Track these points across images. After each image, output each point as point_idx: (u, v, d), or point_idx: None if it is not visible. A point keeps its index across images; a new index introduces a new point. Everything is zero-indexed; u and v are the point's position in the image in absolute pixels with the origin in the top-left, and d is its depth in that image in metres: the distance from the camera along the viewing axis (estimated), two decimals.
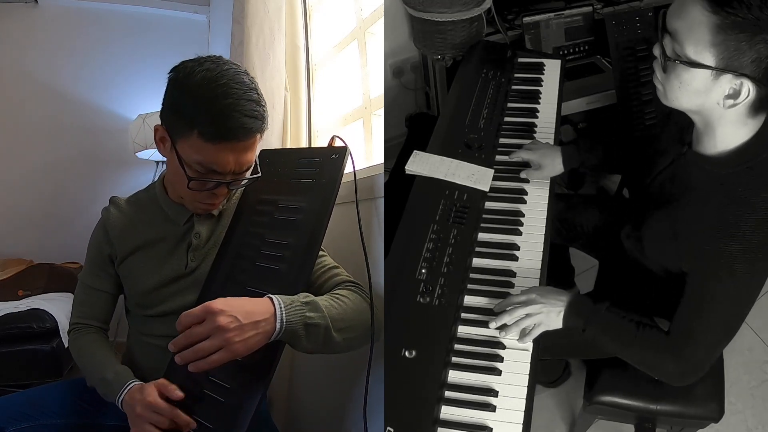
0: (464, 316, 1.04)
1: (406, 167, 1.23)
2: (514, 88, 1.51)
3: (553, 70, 1.56)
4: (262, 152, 1.19)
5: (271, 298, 0.86)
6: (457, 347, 1.00)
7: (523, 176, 1.26)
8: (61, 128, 2.86)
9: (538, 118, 1.43)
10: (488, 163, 1.28)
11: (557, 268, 1.67)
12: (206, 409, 0.91)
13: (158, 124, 1.01)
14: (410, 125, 2.20)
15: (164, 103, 0.99)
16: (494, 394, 0.93)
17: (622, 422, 1.44)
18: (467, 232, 1.12)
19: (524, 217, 1.20)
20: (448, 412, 0.92)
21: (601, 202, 1.43)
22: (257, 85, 0.98)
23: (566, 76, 1.60)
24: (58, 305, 2.23)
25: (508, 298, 1.02)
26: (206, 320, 0.81)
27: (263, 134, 0.99)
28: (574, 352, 1.32)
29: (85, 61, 2.89)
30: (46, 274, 2.52)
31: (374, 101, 1.57)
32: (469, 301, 1.06)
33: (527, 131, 1.40)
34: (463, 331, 1.02)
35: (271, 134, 1.58)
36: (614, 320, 1.01)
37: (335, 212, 1.02)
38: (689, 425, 1.28)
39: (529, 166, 1.27)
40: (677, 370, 0.97)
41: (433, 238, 1.10)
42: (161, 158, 2.72)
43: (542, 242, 1.15)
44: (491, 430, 0.90)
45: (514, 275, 1.10)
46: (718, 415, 1.19)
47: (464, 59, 1.63)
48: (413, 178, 1.22)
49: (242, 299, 0.85)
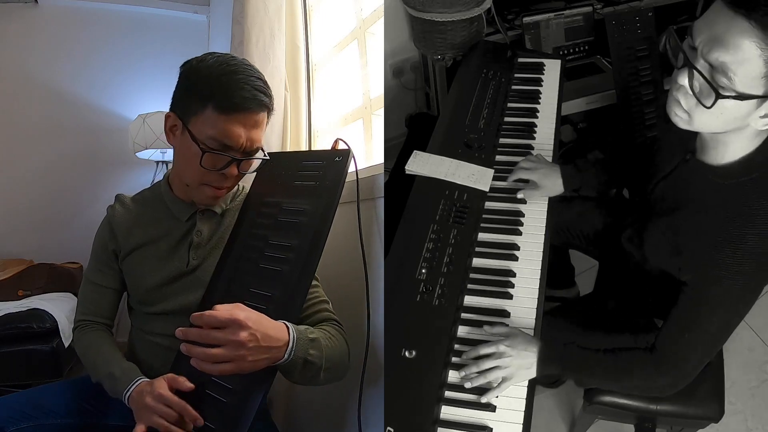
0: (464, 316, 1.04)
1: (406, 167, 1.23)
2: (514, 88, 1.51)
3: (553, 70, 1.56)
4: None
5: (288, 327, 0.88)
6: (457, 347, 1.00)
7: (520, 197, 1.23)
8: (61, 128, 2.86)
9: (538, 118, 1.43)
10: (488, 163, 1.28)
11: (557, 267, 1.68)
12: (208, 409, 0.91)
13: (168, 113, 1.04)
14: (410, 125, 2.20)
15: (175, 91, 1.03)
16: (489, 387, 0.93)
17: (622, 422, 1.44)
18: (467, 232, 1.13)
19: (524, 217, 1.20)
20: (448, 412, 0.92)
21: (601, 203, 1.43)
22: (264, 76, 1.03)
23: (566, 76, 1.60)
24: (58, 305, 2.23)
25: (476, 347, 0.97)
26: (229, 329, 0.81)
27: (270, 118, 1.04)
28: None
29: (85, 61, 2.89)
30: (46, 274, 2.51)
31: (374, 101, 1.57)
32: (469, 301, 1.06)
33: (527, 131, 1.40)
34: (463, 331, 1.02)
35: (271, 134, 1.58)
36: (590, 358, 0.99)
37: (337, 211, 1.02)
38: (689, 425, 1.28)
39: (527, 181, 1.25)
40: (668, 382, 0.97)
41: (433, 238, 1.10)
42: (161, 158, 2.73)
43: (542, 242, 1.15)
44: (491, 430, 0.90)
45: (514, 275, 1.10)
46: (718, 415, 1.19)
47: (464, 59, 1.63)
48: (413, 178, 1.23)
49: (265, 318, 0.86)
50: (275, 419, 1.25)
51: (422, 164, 1.24)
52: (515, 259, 1.12)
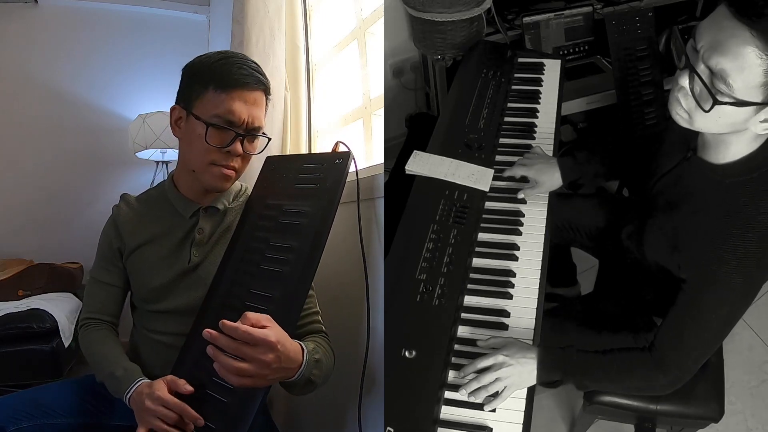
0: (464, 316, 1.04)
1: (406, 167, 1.23)
2: (514, 88, 1.51)
3: (553, 70, 1.56)
4: (267, 158, 1.21)
5: (303, 350, 0.91)
6: (457, 347, 1.00)
7: (520, 197, 1.23)
8: (61, 128, 2.86)
9: (538, 118, 1.43)
10: (488, 163, 1.28)
11: (559, 266, 1.68)
12: (209, 409, 0.91)
13: (173, 106, 1.09)
14: (410, 125, 2.20)
15: (179, 88, 1.08)
16: (494, 394, 0.93)
17: (622, 422, 1.44)
18: (467, 232, 1.13)
19: (524, 217, 1.20)
20: (448, 412, 0.93)
21: (600, 201, 1.43)
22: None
23: (566, 76, 1.60)
24: (58, 305, 2.23)
25: (474, 362, 0.95)
26: (260, 347, 0.82)
27: (268, 104, 1.09)
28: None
29: (85, 61, 2.88)
30: (46, 274, 2.51)
31: (374, 101, 1.57)
32: (469, 301, 1.06)
33: (527, 131, 1.40)
34: (463, 331, 1.02)
35: (271, 134, 1.58)
36: (589, 360, 0.99)
37: (337, 211, 1.02)
38: (689, 425, 1.28)
39: (526, 180, 1.25)
40: (667, 380, 0.97)
41: (433, 238, 1.10)
42: (161, 158, 2.73)
43: (542, 242, 1.15)
44: (491, 430, 0.90)
45: (514, 275, 1.10)
46: (718, 415, 1.19)
47: (464, 59, 1.63)
48: (413, 178, 1.23)
49: (287, 339, 0.87)
50: (275, 419, 1.26)
51: (422, 164, 1.24)
52: (515, 259, 1.12)
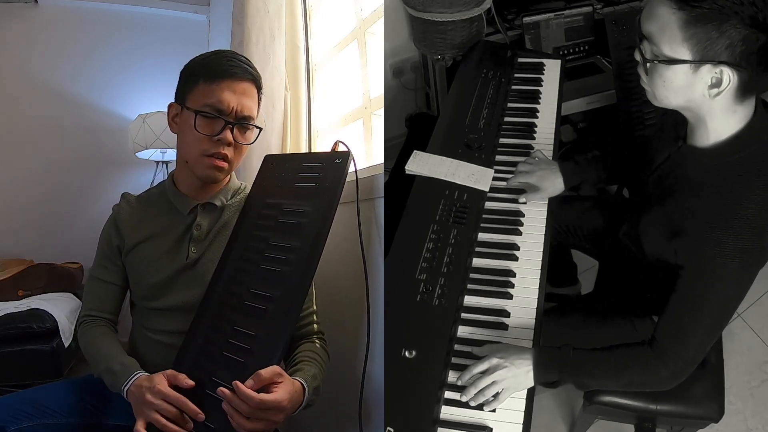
0: (464, 316, 1.04)
1: (406, 167, 1.23)
2: (514, 88, 1.51)
3: (553, 70, 1.56)
4: (266, 157, 1.21)
5: (305, 390, 0.94)
6: (457, 347, 1.00)
7: (522, 201, 1.23)
8: (61, 128, 2.86)
9: (538, 118, 1.43)
10: (488, 163, 1.28)
11: (559, 265, 1.68)
12: (208, 408, 0.91)
13: (169, 104, 1.11)
14: (410, 125, 2.20)
15: (177, 86, 1.11)
16: (495, 396, 0.93)
17: (622, 422, 1.44)
18: (467, 232, 1.13)
19: (524, 217, 1.20)
20: (448, 412, 0.93)
21: (601, 202, 1.43)
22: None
23: (566, 76, 1.60)
24: (58, 305, 2.23)
25: (469, 367, 0.95)
26: (271, 410, 0.86)
27: (260, 97, 1.11)
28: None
29: (85, 61, 2.88)
30: (46, 274, 2.51)
31: (374, 101, 1.57)
32: (469, 301, 1.06)
33: (527, 131, 1.40)
34: (463, 331, 1.02)
35: (271, 134, 1.58)
36: (587, 358, 0.98)
37: (337, 211, 1.02)
38: (689, 425, 1.28)
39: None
40: (669, 372, 0.95)
41: (433, 238, 1.10)
42: (161, 158, 2.73)
43: (542, 242, 1.15)
44: (491, 430, 0.90)
45: (514, 275, 1.10)
46: (718, 415, 1.19)
47: (464, 59, 1.63)
48: (413, 178, 1.23)
49: (295, 395, 0.91)
50: None
51: (422, 164, 1.24)
52: (515, 259, 1.12)
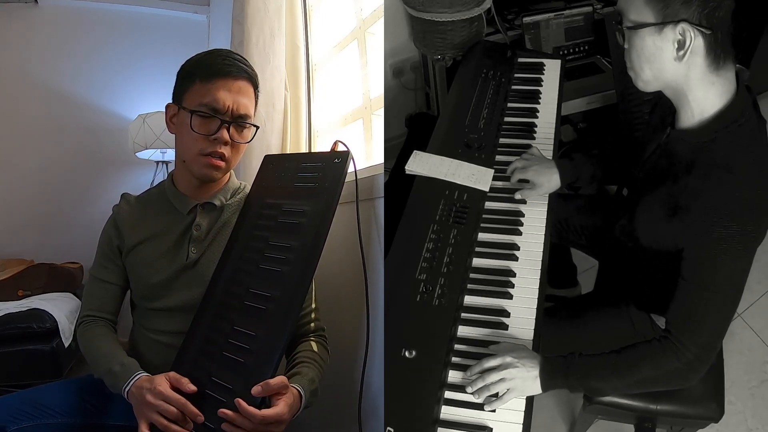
0: (464, 316, 1.04)
1: (406, 167, 1.23)
2: (514, 88, 1.51)
3: (553, 70, 1.56)
4: (266, 157, 1.21)
5: (301, 395, 0.95)
6: (457, 347, 1.00)
7: (518, 197, 1.23)
8: (61, 128, 2.85)
9: (538, 118, 1.43)
10: (488, 163, 1.28)
11: (559, 267, 1.68)
12: (208, 409, 0.91)
13: (167, 104, 1.11)
14: (410, 125, 2.20)
15: (174, 86, 1.10)
16: (494, 394, 0.93)
17: (622, 422, 1.44)
18: (467, 232, 1.13)
19: (524, 217, 1.20)
20: (448, 412, 0.93)
21: (600, 202, 1.43)
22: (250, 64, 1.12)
23: (566, 76, 1.60)
24: (58, 305, 2.23)
25: (481, 361, 0.96)
26: (270, 424, 0.87)
27: (257, 95, 1.11)
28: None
29: (85, 61, 2.88)
30: (46, 274, 2.51)
31: (374, 101, 1.57)
32: (469, 301, 1.06)
33: (527, 131, 1.40)
34: (463, 331, 1.02)
35: (271, 134, 1.58)
36: (594, 361, 0.97)
37: (336, 211, 1.02)
38: (689, 425, 1.28)
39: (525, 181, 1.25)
40: (680, 363, 0.93)
41: (433, 238, 1.10)
42: (161, 158, 2.73)
43: (542, 242, 1.15)
44: (491, 430, 0.90)
45: (514, 275, 1.10)
46: (718, 415, 1.19)
47: (464, 59, 1.63)
48: (413, 178, 1.23)
49: (294, 406, 0.92)
50: None
51: (422, 164, 1.24)
52: (515, 259, 1.12)
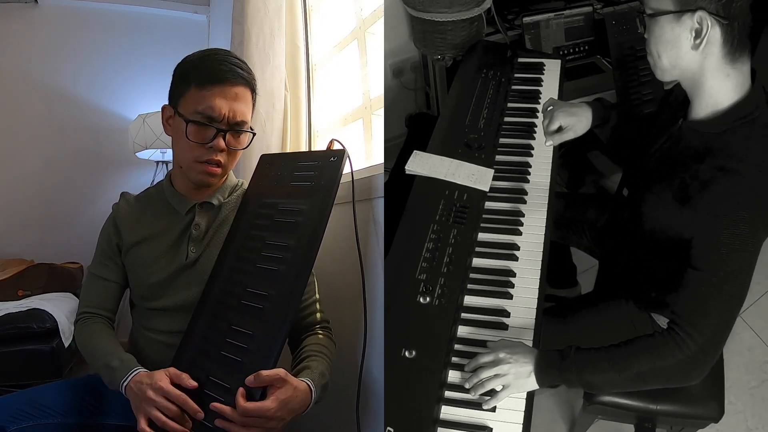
0: (464, 316, 1.04)
1: (406, 167, 1.23)
2: (514, 88, 1.51)
3: (553, 70, 1.56)
4: (262, 156, 1.21)
5: (310, 390, 0.93)
6: (457, 347, 1.00)
7: (549, 144, 1.30)
8: (61, 128, 2.86)
9: (538, 118, 1.43)
10: (488, 163, 1.28)
11: (559, 267, 1.68)
12: (207, 408, 0.91)
13: (163, 105, 1.10)
14: (410, 125, 2.20)
15: (170, 87, 1.09)
16: (494, 393, 0.93)
17: (622, 422, 1.44)
18: (467, 232, 1.12)
19: (524, 217, 1.20)
20: (448, 412, 0.92)
21: (601, 201, 1.42)
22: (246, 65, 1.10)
23: (566, 76, 1.60)
24: (58, 305, 2.23)
25: (477, 356, 0.96)
26: (260, 419, 0.87)
27: (254, 98, 1.10)
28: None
29: (85, 61, 2.88)
30: (46, 274, 2.51)
31: (374, 101, 1.57)
32: (469, 301, 1.06)
33: (527, 131, 1.40)
34: (463, 331, 1.02)
35: (271, 134, 1.58)
36: (590, 355, 0.95)
37: (335, 211, 1.02)
38: (689, 425, 1.28)
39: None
40: (684, 355, 0.89)
41: (433, 238, 1.10)
42: (161, 158, 2.73)
43: (542, 242, 1.15)
44: (491, 430, 0.90)
45: (514, 275, 1.10)
46: (718, 415, 1.19)
47: (464, 59, 1.63)
48: (413, 178, 1.23)
49: (294, 399, 0.90)
50: None
51: (422, 164, 1.24)
52: (515, 259, 1.12)
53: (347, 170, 1.08)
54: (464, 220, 1.14)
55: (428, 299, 1.01)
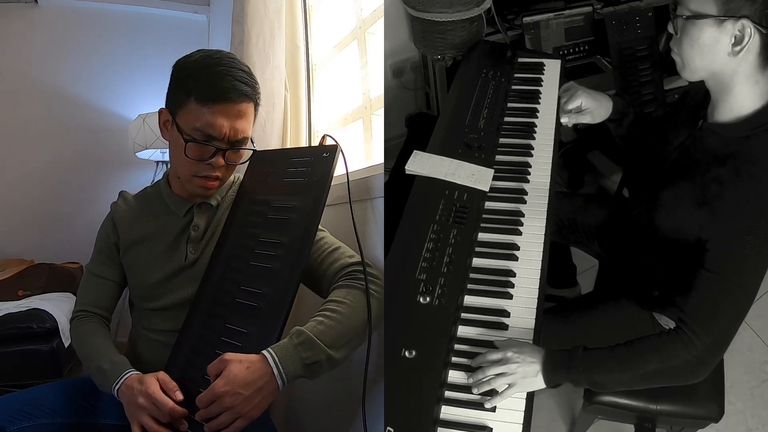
0: (464, 316, 1.04)
1: (406, 167, 1.23)
2: (514, 88, 1.51)
3: (553, 70, 1.56)
4: (254, 153, 1.21)
5: (265, 356, 0.86)
6: (457, 347, 1.00)
7: (564, 121, 1.30)
8: (61, 128, 2.86)
9: (538, 118, 1.43)
10: (488, 163, 1.28)
11: (559, 267, 1.68)
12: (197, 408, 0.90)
13: (161, 108, 1.07)
14: (410, 125, 2.20)
15: (168, 88, 1.05)
16: (495, 393, 0.93)
17: (622, 422, 1.44)
18: (467, 232, 1.12)
19: (524, 217, 1.20)
20: (448, 412, 0.92)
21: (601, 200, 1.42)
22: (249, 69, 1.06)
23: (566, 76, 1.60)
24: (58, 305, 2.23)
25: (484, 354, 0.96)
26: (215, 403, 0.83)
27: (257, 110, 1.06)
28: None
29: (85, 61, 2.88)
30: (46, 274, 2.51)
31: (374, 101, 1.57)
32: (469, 301, 1.06)
33: (527, 131, 1.39)
34: (463, 331, 1.02)
35: (271, 134, 1.58)
36: (598, 354, 0.95)
37: (336, 211, 1.02)
38: (689, 425, 1.28)
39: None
40: (692, 354, 0.90)
41: (433, 238, 1.10)
42: (161, 158, 2.73)
43: (542, 242, 1.15)
44: (491, 430, 0.90)
45: (514, 275, 1.10)
46: (718, 415, 1.19)
47: (464, 59, 1.62)
48: (413, 178, 1.22)
49: (242, 371, 0.84)
50: (274, 419, 1.25)
51: (422, 164, 1.24)
52: (515, 259, 1.12)
53: (351, 170, 1.07)
54: (464, 220, 1.14)
55: (428, 299, 1.01)
